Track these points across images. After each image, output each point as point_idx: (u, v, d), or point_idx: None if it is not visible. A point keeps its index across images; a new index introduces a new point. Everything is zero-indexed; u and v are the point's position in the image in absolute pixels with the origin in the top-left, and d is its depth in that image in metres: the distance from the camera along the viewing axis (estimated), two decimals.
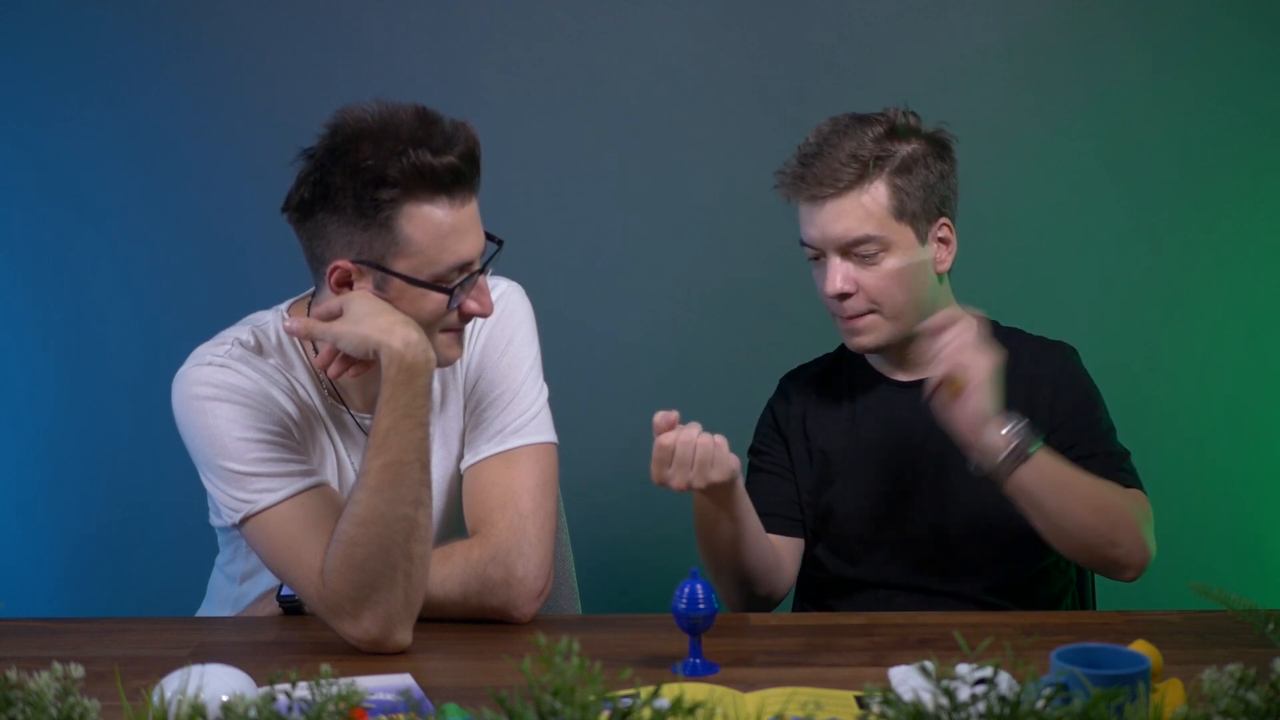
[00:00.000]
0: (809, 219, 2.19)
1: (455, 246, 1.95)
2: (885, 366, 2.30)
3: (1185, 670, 1.63)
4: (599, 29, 3.10)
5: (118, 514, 3.22)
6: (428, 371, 1.94)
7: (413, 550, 1.94)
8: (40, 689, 1.37)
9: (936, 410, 2.09)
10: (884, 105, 2.23)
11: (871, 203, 2.15)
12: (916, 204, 2.17)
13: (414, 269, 1.95)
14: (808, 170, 2.17)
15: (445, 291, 1.96)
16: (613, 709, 1.28)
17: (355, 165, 1.91)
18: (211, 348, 2.06)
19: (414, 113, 1.94)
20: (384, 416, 1.92)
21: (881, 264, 2.16)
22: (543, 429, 2.14)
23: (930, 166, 2.18)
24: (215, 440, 2.00)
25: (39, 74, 3.12)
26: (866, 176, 2.15)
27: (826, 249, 2.18)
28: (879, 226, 2.15)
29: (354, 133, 1.93)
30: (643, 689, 1.32)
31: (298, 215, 1.98)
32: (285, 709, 1.36)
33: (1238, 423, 3.09)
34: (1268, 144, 3.03)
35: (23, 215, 3.17)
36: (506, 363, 2.15)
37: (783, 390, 2.39)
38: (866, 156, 2.15)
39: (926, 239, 2.19)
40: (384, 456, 1.92)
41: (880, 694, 1.31)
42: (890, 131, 2.18)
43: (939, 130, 2.22)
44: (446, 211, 1.94)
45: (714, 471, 2.01)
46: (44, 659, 1.45)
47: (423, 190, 1.92)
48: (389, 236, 1.93)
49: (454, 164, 1.92)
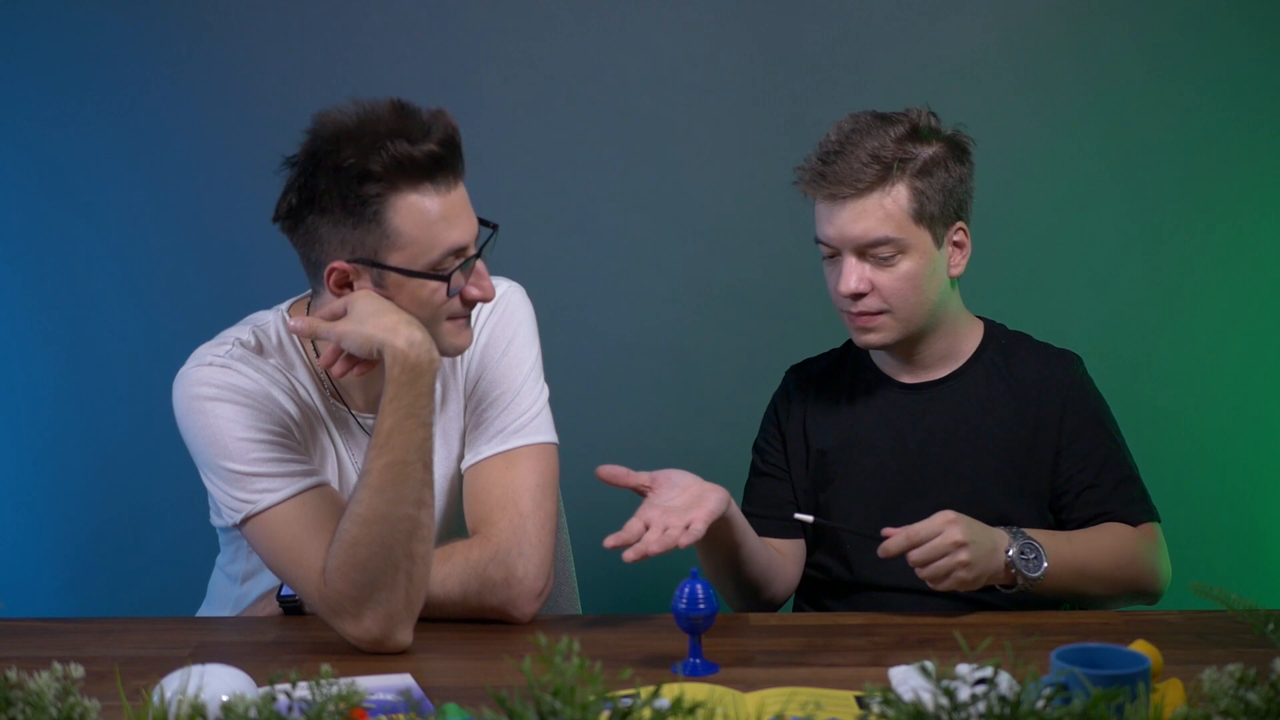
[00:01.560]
0: (827, 217, 2.17)
1: (446, 233, 1.96)
2: (890, 366, 2.28)
3: (1185, 670, 1.63)
4: (599, 29, 3.10)
5: (118, 514, 3.22)
6: (431, 371, 1.94)
7: (415, 550, 1.94)
8: (40, 689, 1.37)
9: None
10: (884, 105, 2.23)
11: (892, 205, 2.14)
12: (935, 207, 2.16)
13: (408, 260, 1.95)
14: (829, 168, 2.15)
15: (442, 279, 1.96)
16: (613, 709, 1.28)
17: (337, 165, 1.92)
18: (212, 348, 2.06)
19: (389, 107, 1.96)
20: (387, 416, 1.92)
21: (897, 266, 2.15)
22: (543, 429, 2.14)
23: (950, 169, 2.17)
24: (216, 440, 2.00)
25: (39, 74, 3.12)
26: (888, 178, 2.13)
27: (843, 248, 2.16)
28: (898, 229, 2.14)
29: (333, 134, 1.94)
30: (643, 689, 1.32)
31: (289, 223, 1.99)
32: (285, 709, 1.36)
33: (1238, 423, 3.09)
34: (1268, 144, 3.03)
35: (23, 215, 3.16)
36: (507, 363, 2.15)
37: (786, 385, 2.38)
38: (889, 158, 2.13)
39: (942, 242, 2.18)
40: (387, 456, 1.92)
41: (880, 694, 1.31)
42: (912, 132, 2.16)
43: (958, 133, 2.21)
44: (433, 199, 1.95)
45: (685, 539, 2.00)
46: (44, 659, 1.45)
47: (406, 180, 1.93)
48: (379, 231, 1.94)
49: (433, 150, 1.93)
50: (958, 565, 1.99)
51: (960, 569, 1.99)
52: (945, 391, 2.24)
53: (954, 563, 1.99)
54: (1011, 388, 2.22)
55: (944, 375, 2.25)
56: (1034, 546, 2.04)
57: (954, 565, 1.99)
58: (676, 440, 3.14)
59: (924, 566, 2.00)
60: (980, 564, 2.00)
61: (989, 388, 2.23)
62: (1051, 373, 2.23)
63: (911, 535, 2.00)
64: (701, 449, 3.12)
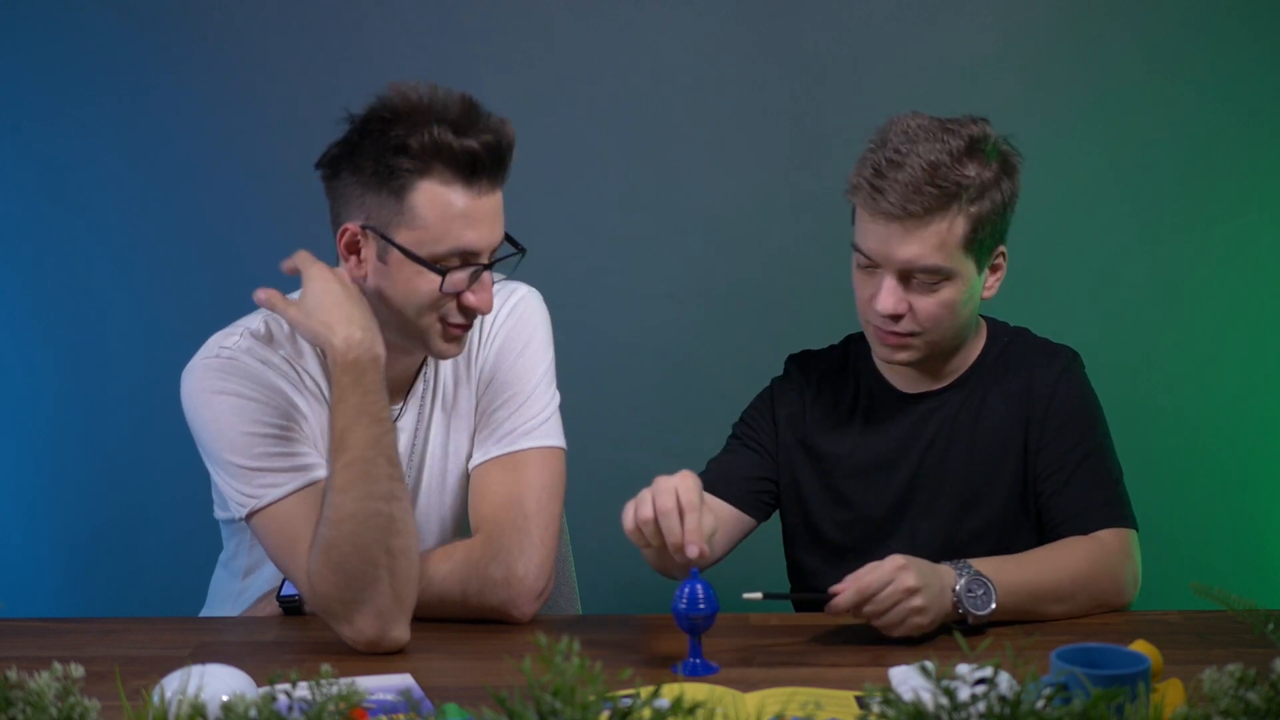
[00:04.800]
0: (874, 233, 2.08)
1: (461, 231, 1.96)
2: (894, 374, 2.24)
3: (1185, 670, 1.63)
4: (599, 29, 3.10)
5: (118, 514, 3.22)
6: (375, 367, 1.94)
7: (393, 545, 1.93)
8: (40, 689, 1.37)
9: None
10: (884, 105, 2.21)
11: (947, 233, 2.06)
12: (985, 234, 2.09)
13: (414, 243, 1.95)
14: (884, 182, 2.05)
15: (438, 272, 1.96)
16: (613, 709, 1.28)
17: (383, 132, 1.94)
18: (221, 339, 2.06)
19: (459, 97, 1.98)
20: (338, 417, 1.93)
21: (938, 292, 2.09)
22: (552, 434, 2.15)
23: (1002, 190, 2.10)
24: (223, 434, 2.00)
25: (39, 73, 3.12)
26: (946, 207, 2.05)
27: (886, 268, 2.09)
28: (947, 258, 2.07)
29: (394, 104, 1.96)
30: (643, 689, 1.32)
31: (328, 171, 2.01)
32: (285, 709, 1.36)
33: (1238, 423, 3.09)
34: (1268, 144, 3.03)
35: (23, 215, 3.16)
36: (521, 366, 2.15)
37: (788, 371, 2.33)
38: (949, 183, 2.04)
39: (984, 268, 2.13)
40: (345, 456, 1.92)
41: (880, 694, 1.31)
42: (970, 148, 2.07)
43: (1010, 151, 2.13)
44: (460, 194, 1.95)
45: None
46: (44, 659, 1.45)
47: (439, 168, 1.94)
48: (399, 206, 1.95)
49: (472, 148, 1.94)
50: (912, 612, 1.90)
51: (915, 615, 1.90)
52: (944, 401, 2.21)
53: (908, 609, 1.90)
54: (1005, 392, 2.19)
55: (945, 385, 2.22)
56: (981, 581, 1.95)
57: (908, 612, 1.90)
58: (675, 440, 3.14)
59: (878, 618, 1.91)
60: (934, 608, 1.92)
61: (984, 393, 2.20)
62: (1039, 372, 2.19)
63: (862, 590, 1.90)
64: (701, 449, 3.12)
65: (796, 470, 2.27)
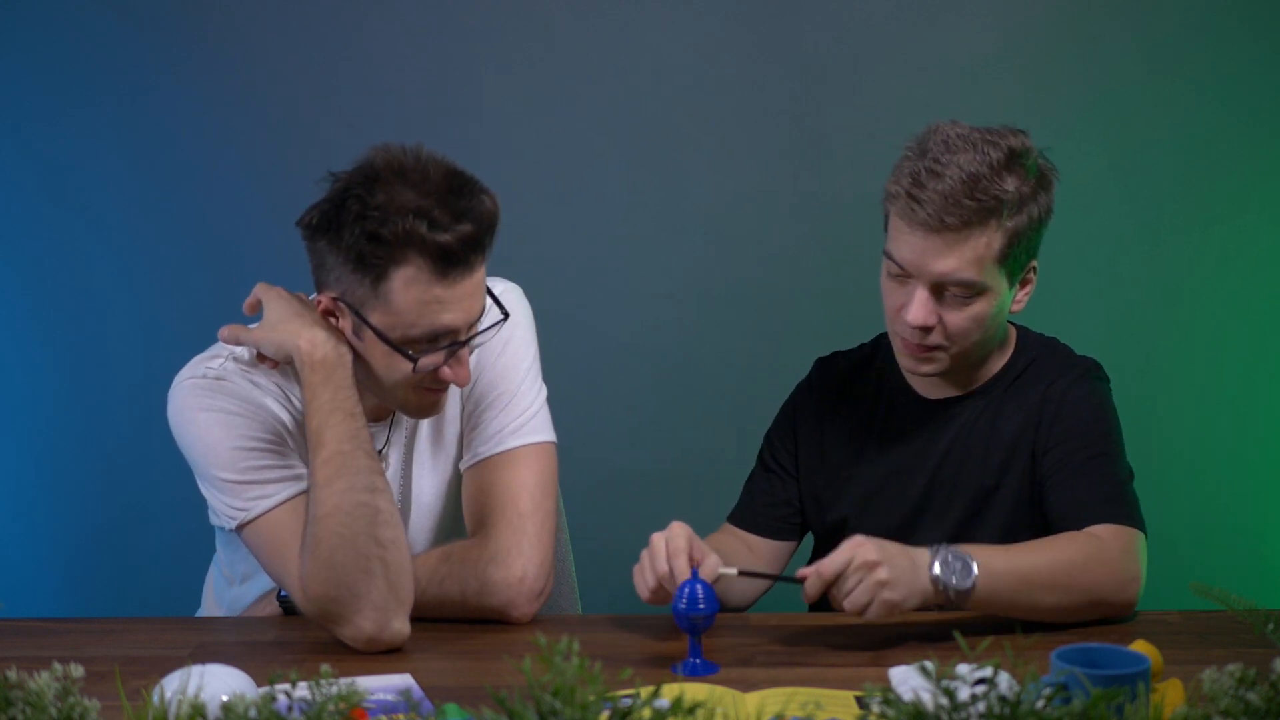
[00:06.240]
0: (910, 243, 2.04)
1: (436, 316, 1.94)
2: (916, 380, 2.22)
3: (1185, 670, 1.63)
4: (599, 29, 3.10)
5: (118, 514, 3.22)
6: (342, 365, 1.95)
7: (382, 536, 1.93)
8: (40, 689, 1.37)
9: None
10: (884, 105, 2.22)
11: (984, 248, 2.04)
12: (1020, 249, 2.08)
13: (387, 326, 1.94)
14: (924, 194, 2.02)
15: (409, 358, 1.95)
16: (613, 709, 1.28)
17: (362, 211, 1.90)
18: (206, 359, 2.07)
19: (443, 174, 1.93)
20: (312, 416, 1.95)
21: (970, 307, 2.07)
22: (541, 429, 2.14)
23: (1039, 205, 2.09)
24: (210, 450, 2.01)
25: (39, 73, 3.12)
26: (984, 221, 2.03)
27: (919, 278, 2.07)
28: (982, 273, 2.05)
29: (375, 176, 1.92)
30: (643, 689, 1.32)
31: (308, 234, 1.98)
32: (285, 709, 1.36)
33: (1238, 423, 3.09)
34: (1268, 144, 3.03)
35: (23, 215, 3.17)
36: (504, 364, 2.14)
37: (810, 379, 2.32)
38: (986, 196, 2.02)
39: (1015, 283, 2.12)
40: (323, 452, 1.93)
41: (880, 694, 1.31)
42: (1010, 160, 2.05)
43: (1047, 165, 2.11)
44: (436, 285, 1.92)
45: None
46: (44, 659, 1.45)
47: (414, 257, 1.91)
48: (374, 288, 1.93)
49: (447, 243, 1.90)
50: (878, 586, 1.86)
51: (883, 589, 1.86)
52: (964, 408, 2.20)
53: (873, 583, 1.86)
54: (1022, 401, 2.17)
55: (967, 393, 2.20)
56: (960, 556, 1.92)
57: (874, 587, 1.86)
58: (675, 440, 3.15)
59: (846, 598, 1.89)
60: (903, 582, 1.88)
61: (1003, 403, 2.18)
62: (1055, 381, 2.17)
63: (823, 572, 1.88)
64: (700, 449, 3.13)
65: (817, 483, 2.28)
